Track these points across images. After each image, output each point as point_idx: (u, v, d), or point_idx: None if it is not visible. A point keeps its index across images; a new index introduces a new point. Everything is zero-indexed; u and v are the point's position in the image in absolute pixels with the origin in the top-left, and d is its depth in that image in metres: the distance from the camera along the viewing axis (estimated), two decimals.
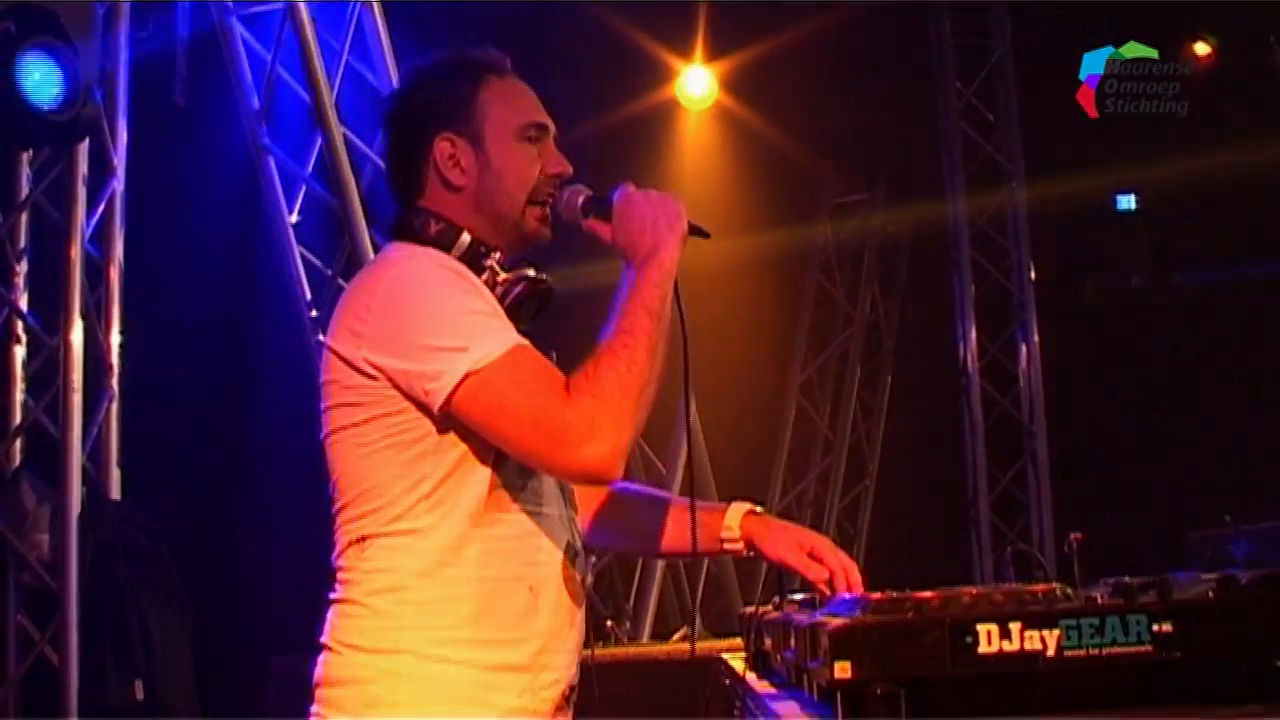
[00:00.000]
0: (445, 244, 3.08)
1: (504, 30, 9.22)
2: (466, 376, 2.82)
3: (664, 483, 10.09)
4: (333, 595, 3.01)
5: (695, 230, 3.11)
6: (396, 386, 2.89)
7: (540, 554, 3.02)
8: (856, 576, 3.30)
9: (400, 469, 2.92)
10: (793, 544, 3.33)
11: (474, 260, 3.08)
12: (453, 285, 2.96)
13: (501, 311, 2.99)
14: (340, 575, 3.00)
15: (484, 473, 2.94)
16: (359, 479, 2.97)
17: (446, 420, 2.89)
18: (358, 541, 2.96)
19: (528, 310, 3.11)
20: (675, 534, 3.43)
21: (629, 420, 2.84)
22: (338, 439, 3.00)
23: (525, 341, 2.92)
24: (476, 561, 2.93)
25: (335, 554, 3.02)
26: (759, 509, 3.45)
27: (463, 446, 2.92)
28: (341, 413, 2.98)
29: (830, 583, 3.26)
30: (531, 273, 3.12)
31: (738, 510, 3.41)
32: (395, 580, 2.91)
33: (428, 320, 2.89)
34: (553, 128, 3.22)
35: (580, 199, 3.15)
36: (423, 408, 2.89)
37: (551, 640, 3.02)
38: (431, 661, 2.89)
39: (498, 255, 3.10)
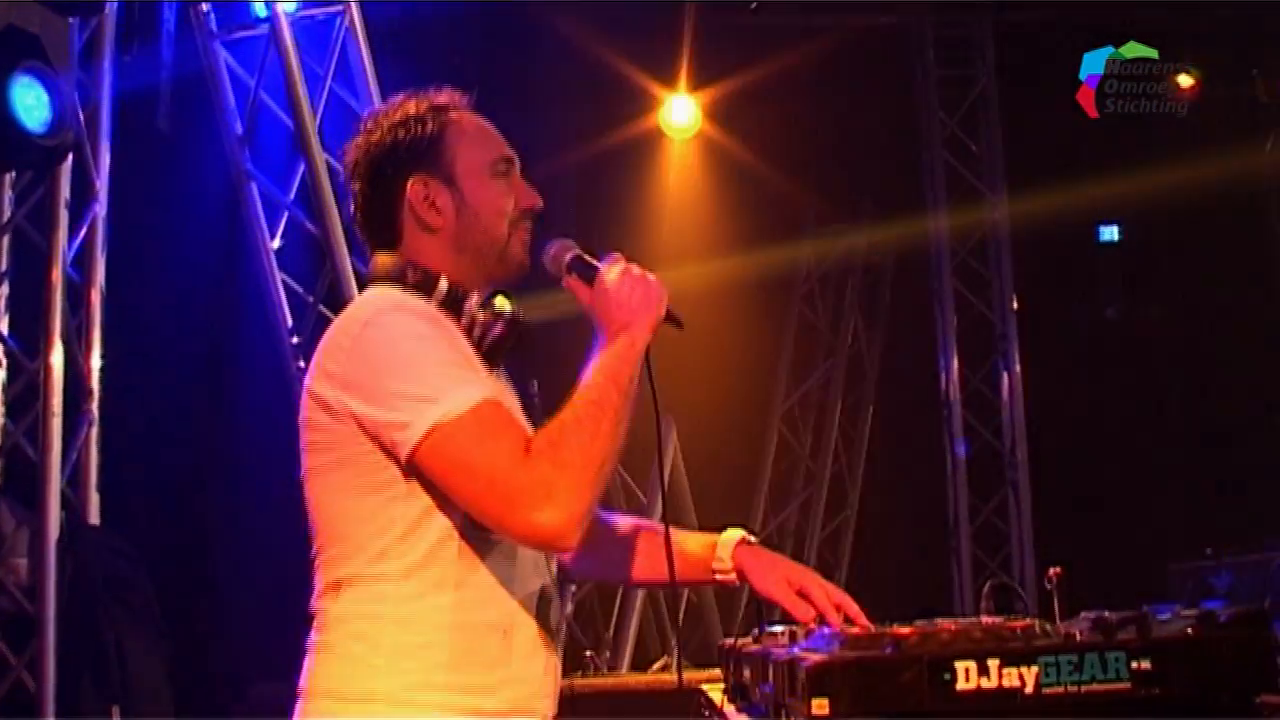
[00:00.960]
0: (425, 291, 3.07)
1: (489, 57, 9.28)
2: (431, 430, 2.81)
3: (645, 512, 10.07)
4: (310, 638, 3.00)
5: (671, 318, 3.10)
6: (366, 432, 2.88)
7: (513, 599, 3.00)
8: (853, 608, 3.30)
9: (370, 513, 2.92)
10: (781, 580, 3.36)
11: (453, 304, 3.08)
12: (428, 334, 2.94)
13: (476, 361, 3.01)
14: (317, 620, 2.98)
15: (456, 518, 2.92)
16: (332, 521, 2.97)
17: (413, 468, 2.88)
18: (333, 585, 2.95)
19: (505, 348, 3.12)
20: (662, 564, 3.37)
21: (587, 491, 2.81)
22: (313, 479, 3.00)
23: (496, 396, 2.91)
24: (449, 607, 2.91)
25: (315, 597, 3.01)
26: (752, 539, 3.46)
27: (430, 490, 2.90)
28: (315, 453, 2.97)
29: (821, 617, 3.27)
30: (509, 309, 3.13)
31: (730, 539, 3.42)
32: (367, 626, 2.90)
33: (400, 368, 2.87)
34: (517, 160, 3.23)
35: (569, 255, 3.15)
36: (391, 455, 2.88)
37: (526, 685, 3.01)
38: (405, 707, 2.88)
39: (475, 298, 3.09)
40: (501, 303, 3.13)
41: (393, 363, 2.88)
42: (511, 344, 3.13)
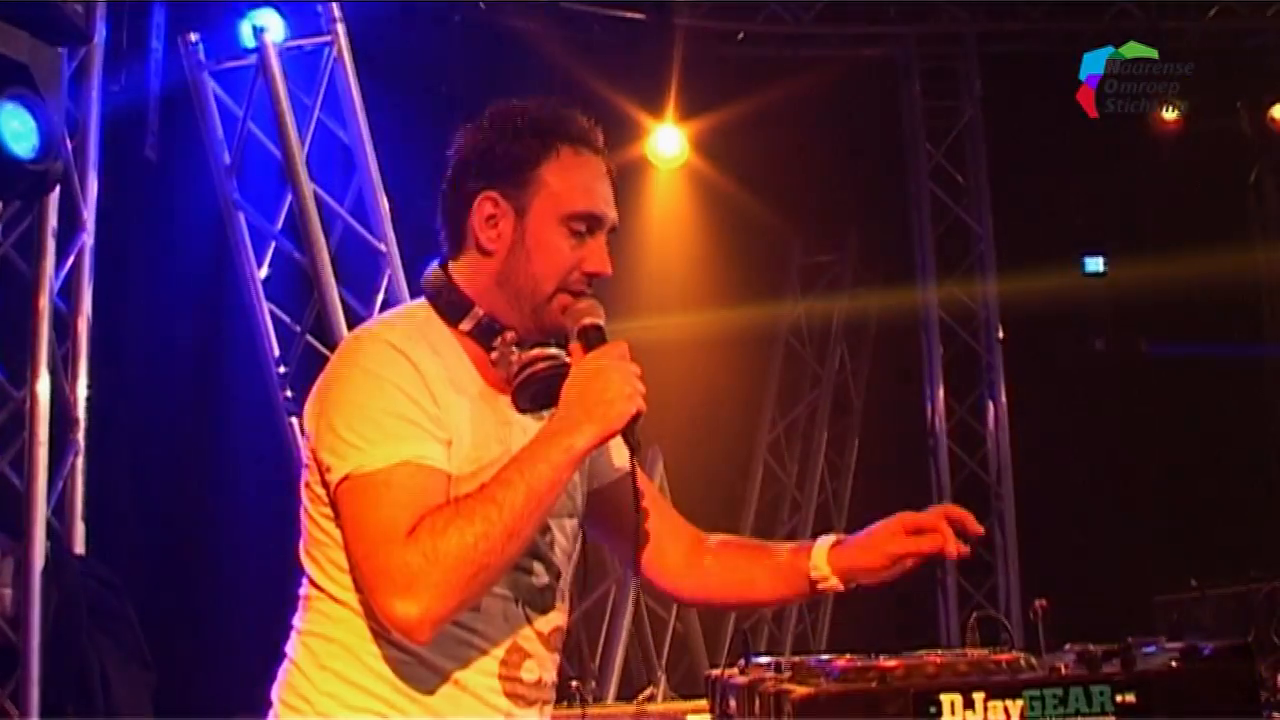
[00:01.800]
0: (455, 316, 2.95)
1: (476, 86, 9.29)
2: (345, 478, 2.73)
3: None
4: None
5: (628, 439, 2.87)
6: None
7: (471, 650, 2.87)
8: (958, 517, 3.07)
9: (328, 536, 2.85)
10: (891, 539, 3.08)
11: (483, 336, 2.94)
12: (387, 375, 2.80)
13: (433, 417, 2.81)
14: (293, 631, 2.97)
15: None
16: (308, 539, 2.92)
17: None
18: (304, 600, 2.93)
19: (538, 391, 2.92)
20: (766, 581, 3.23)
21: (455, 592, 2.66)
22: (303, 497, 2.94)
23: (427, 460, 2.76)
24: (393, 642, 2.80)
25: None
26: (840, 536, 3.19)
27: None
28: (305, 472, 2.92)
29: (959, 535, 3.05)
30: (554, 352, 2.93)
31: (823, 547, 3.15)
32: (320, 645, 2.87)
33: (344, 406, 2.79)
34: (612, 221, 3.02)
35: (586, 320, 2.92)
36: None
37: None
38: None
39: (511, 334, 2.93)
40: (551, 348, 2.93)
41: (340, 398, 2.81)
42: (545, 390, 2.90)
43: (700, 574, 3.30)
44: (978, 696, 2.57)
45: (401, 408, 2.79)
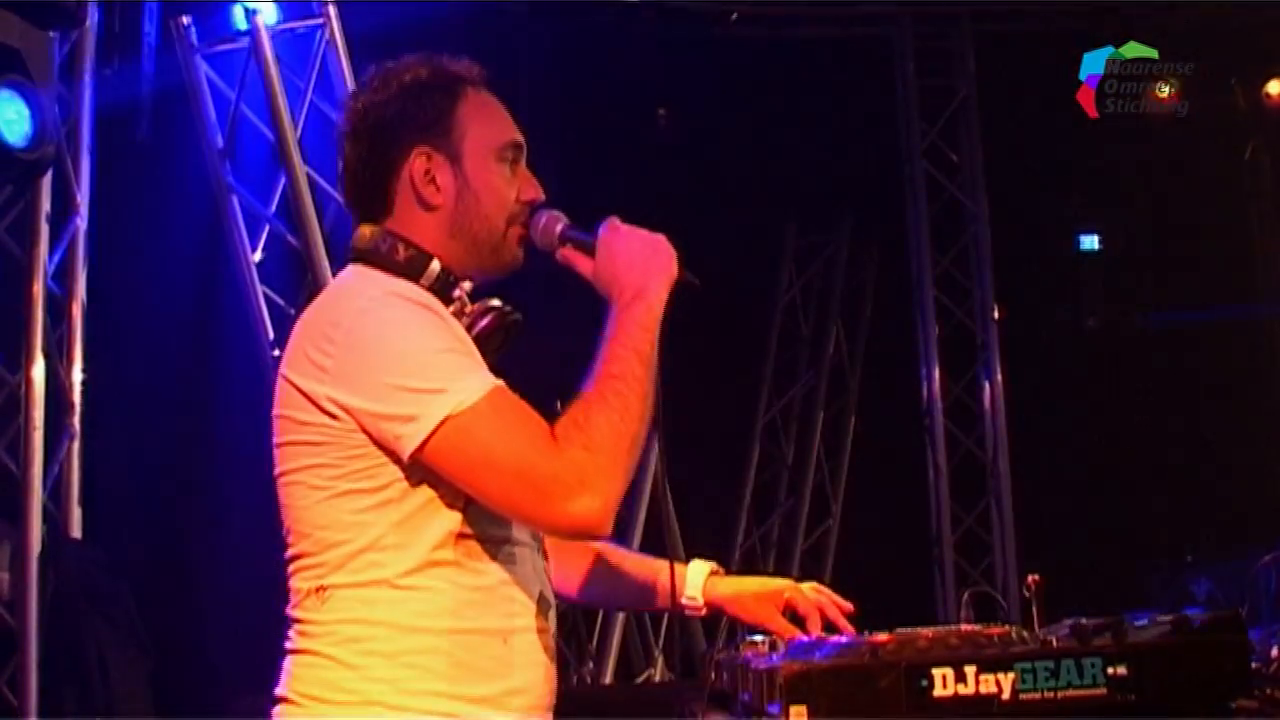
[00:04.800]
0: (414, 272, 2.90)
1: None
2: (444, 422, 2.66)
3: (624, 524, 10.06)
4: (290, 645, 2.87)
5: (686, 280, 2.98)
6: (363, 428, 2.72)
7: (515, 605, 2.86)
8: (833, 611, 3.26)
9: (363, 515, 2.76)
10: (764, 603, 3.30)
11: (442, 290, 2.91)
12: (425, 320, 2.78)
13: (475, 349, 2.84)
14: (299, 626, 2.84)
15: (453, 519, 2.78)
16: (316, 524, 2.81)
17: (415, 466, 2.72)
18: (316, 591, 2.80)
19: (494, 343, 2.95)
20: (634, 590, 3.37)
21: (622, 472, 2.70)
22: (293, 479, 2.85)
23: (502, 383, 2.76)
24: (449, 611, 2.76)
25: (292, 603, 2.87)
26: (719, 569, 3.38)
27: (430, 492, 2.76)
28: (298, 451, 2.83)
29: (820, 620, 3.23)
30: (497, 303, 2.98)
31: (698, 573, 3.34)
32: (361, 631, 2.76)
33: (400, 358, 2.71)
34: (525, 147, 3.07)
35: (559, 226, 3.03)
36: (389, 452, 2.73)
37: (528, 695, 2.87)
38: (401, 713, 2.74)
39: (467, 285, 2.96)
40: (494, 301, 2.98)
41: (392, 353, 2.72)
42: (500, 341, 2.97)
43: (572, 571, 3.38)
44: (969, 670, 2.58)
45: (454, 343, 2.79)
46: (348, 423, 2.74)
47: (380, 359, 2.72)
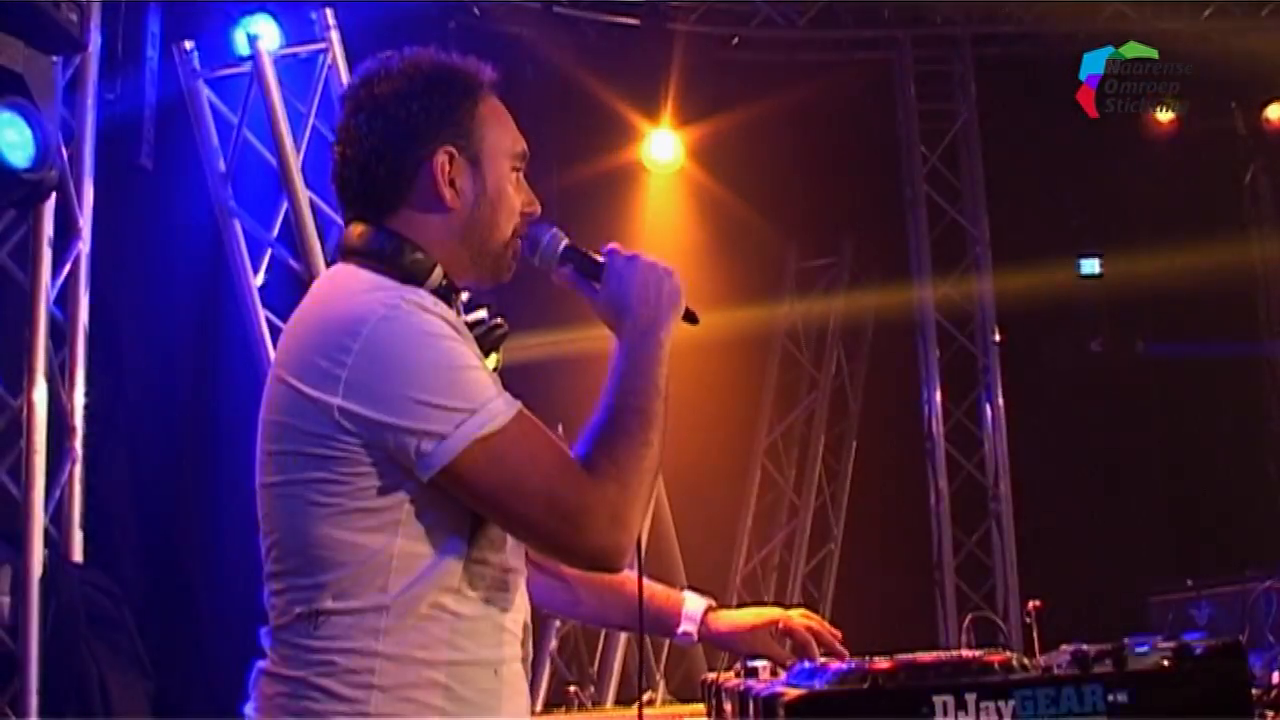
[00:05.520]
0: (417, 277, 2.78)
1: None
2: (475, 443, 2.59)
3: None
4: (269, 667, 2.75)
5: (689, 314, 2.95)
6: (380, 442, 2.61)
7: (504, 634, 2.79)
8: (827, 638, 3.28)
9: (365, 536, 2.64)
10: (760, 635, 3.34)
11: (444, 298, 2.79)
12: (448, 334, 2.67)
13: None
14: (283, 649, 2.72)
15: (459, 545, 2.70)
16: (310, 543, 2.68)
17: (429, 487, 2.63)
18: (309, 616, 2.67)
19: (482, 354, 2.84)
20: (623, 610, 3.34)
21: (644, 508, 2.69)
22: (287, 492, 2.72)
23: (522, 405, 2.69)
24: (446, 643, 2.67)
25: (275, 621, 2.76)
26: (714, 605, 3.43)
27: (438, 516, 2.66)
28: (296, 462, 2.70)
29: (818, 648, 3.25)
30: (484, 314, 2.94)
31: (696, 608, 3.39)
32: (358, 663, 2.64)
33: (426, 373, 2.61)
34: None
35: (562, 245, 2.97)
36: (403, 469, 2.63)
37: None
38: None
39: (465, 295, 2.89)
40: (482, 313, 2.95)
41: (418, 367, 2.61)
42: (486, 354, 2.88)
43: (577, 589, 3.40)
44: (969, 697, 2.57)
45: (476, 360, 2.71)
46: (360, 436, 2.62)
47: (406, 372, 2.61)
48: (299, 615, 2.70)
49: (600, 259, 2.95)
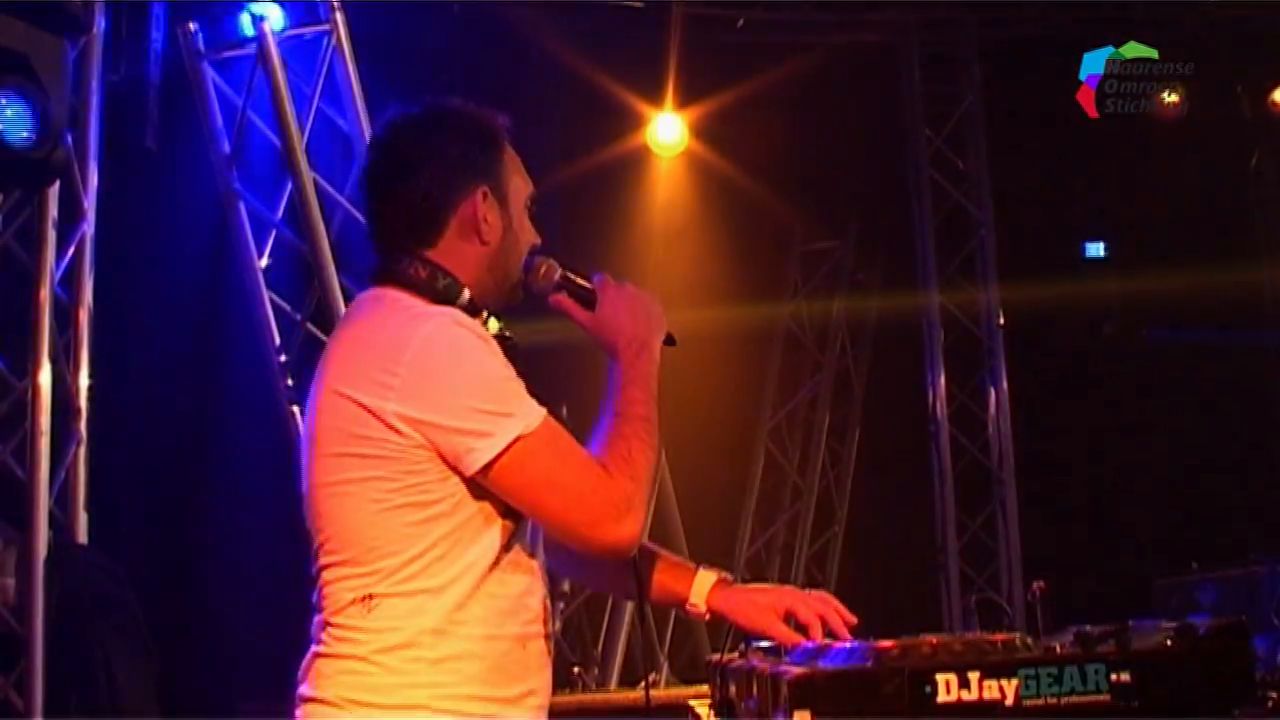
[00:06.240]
0: (448, 299, 3.12)
1: (474, 75, 9.28)
2: (514, 442, 2.93)
3: None
4: (325, 650, 3.02)
5: (668, 337, 3.27)
6: (433, 444, 2.93)
7: (530, 613, 3.10)
8: (834, 620, 3.28)
9: (415, 528, 2.96)
10: (765, 611, 3.36)
11: (471, 317, 3.13)
12: (488, 348, 3.03)
13: None
14: (338, 632, 3.00)
15: (496, 535, 3.01)
16: (364, 535, 2.98)
17: (472, 483, 2.96)
18: (362, 600, 2.97)
19: None
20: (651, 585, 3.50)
21: (649, 502, 3.06)
22: (342, 490, 3.01)
23: (546, 411, 3.02)
24: (482, 619, 2.99)
25: (330, 610, 3.02)
26: (729, 578, 3.48)
27: (478, 507, 2.99)
28: (350, 464, 2.99)
29: (822, 629, 3.27)
30: (502, 331, 3.21)
31: (705, 581, 3.45)
32: (407, 638, 2.95)
33: (474, 380, 2.96)
34: None
35: (558, 274, 3.27)
36: (450, 467, 2.95)
37: (539, 696, 3.11)
38: (445, 715, 2.95)
39: (487, 315, 3.19)
40: (494, 325, 3.21)
41: (465, 375, 2.96)
42: None
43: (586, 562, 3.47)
44: (973, 675, 2.59)
45: (510, 371, 3.04)
46: (412, 438, 2.93)
47: (455, 379, 2.95)
48: (353, 600, 2.99)
49: (590, 286, 3.28)
